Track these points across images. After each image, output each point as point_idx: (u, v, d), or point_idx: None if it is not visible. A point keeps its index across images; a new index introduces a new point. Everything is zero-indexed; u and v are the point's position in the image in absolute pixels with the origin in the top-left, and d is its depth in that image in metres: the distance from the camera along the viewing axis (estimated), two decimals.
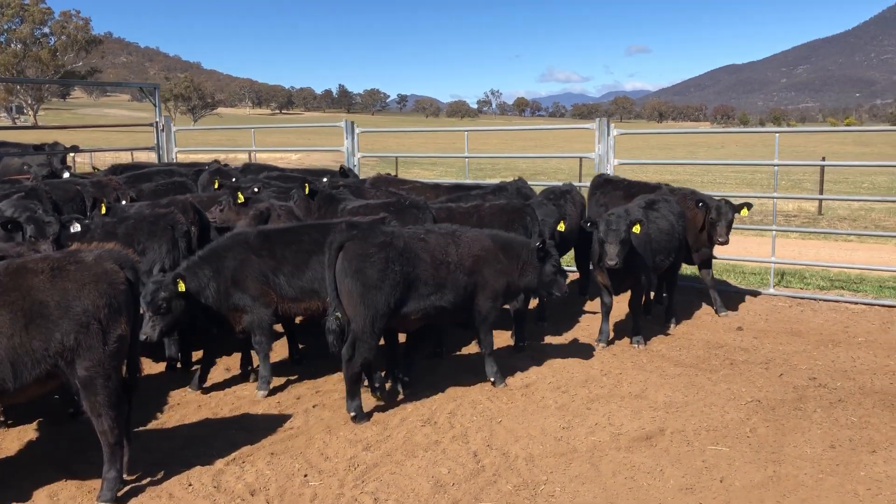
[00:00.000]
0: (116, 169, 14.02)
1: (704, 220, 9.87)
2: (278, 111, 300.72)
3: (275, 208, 8.13)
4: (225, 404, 7.28)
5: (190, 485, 5.63)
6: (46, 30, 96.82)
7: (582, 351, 8.72)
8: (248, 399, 7.40)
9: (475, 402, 7.26)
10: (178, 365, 8.22)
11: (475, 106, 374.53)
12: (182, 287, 6.79)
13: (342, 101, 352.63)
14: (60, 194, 10.06)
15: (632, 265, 8.45)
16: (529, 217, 8.57)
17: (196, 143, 30.19)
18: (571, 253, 11.48)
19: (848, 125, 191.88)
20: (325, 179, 10.46)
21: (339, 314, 6.66)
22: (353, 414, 6.78)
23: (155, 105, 16.48)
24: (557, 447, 6.27)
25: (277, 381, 7.79)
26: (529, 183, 11.26)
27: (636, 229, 8.27)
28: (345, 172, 13.02)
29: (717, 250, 10.36)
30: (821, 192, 22.79)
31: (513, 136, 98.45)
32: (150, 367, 8.17)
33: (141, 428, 6.64)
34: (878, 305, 10.55)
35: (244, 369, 7.98)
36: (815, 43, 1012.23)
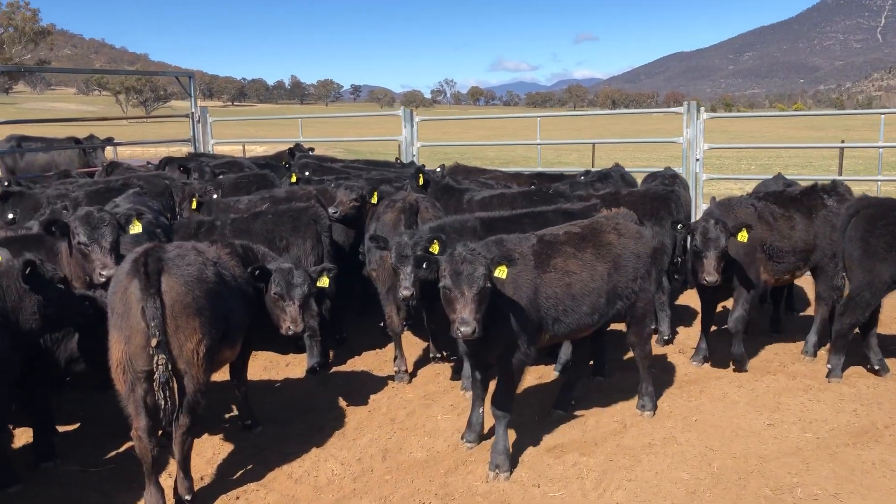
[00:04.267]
0: (165, 162, 13.28)
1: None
2: (230, 103, 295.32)
3: (421, 201, 7.63)
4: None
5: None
6: None
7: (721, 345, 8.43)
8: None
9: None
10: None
11: (429, 96, 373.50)
12: (436, 250, 6.30)
13: (295, 91, 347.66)
14: (150, 189, 9.40)
15: None
16: (674, 203, 8.24)
17: (230, 135, 28.54)
18: None
19: (796, 110, 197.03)
20: (437, 169, 9.96)
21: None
22: (829, 367, 7.31)
23: (191, 95, 15.71)
24: (781, 445, 5.96)
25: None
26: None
27: None
28: (404, 166, 12.52)
29: None
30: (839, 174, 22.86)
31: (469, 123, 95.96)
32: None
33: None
34: None
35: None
36: (760, 30, 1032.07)
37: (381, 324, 9.27)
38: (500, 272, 5.18)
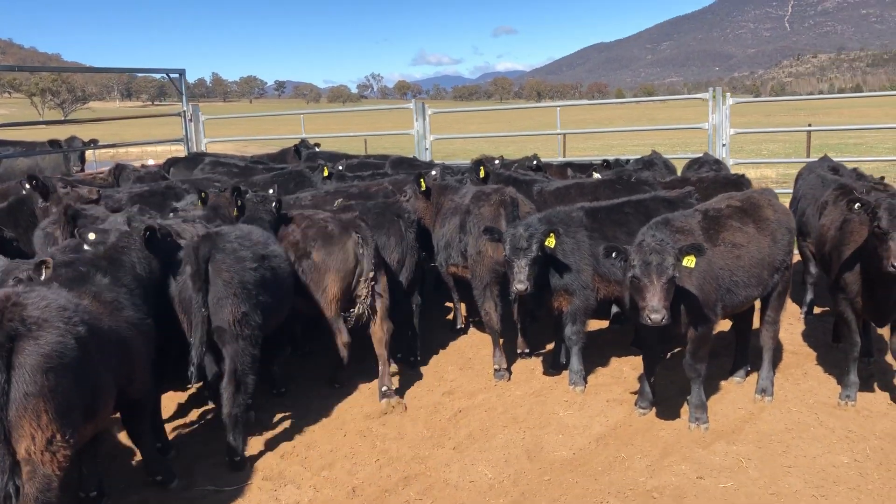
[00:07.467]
0: (170, 164, 12.65)
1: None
2: (150, 103, 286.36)
3: (514, 193, 7.39)
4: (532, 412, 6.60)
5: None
6: None
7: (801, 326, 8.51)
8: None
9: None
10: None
11: (355, 91, 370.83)
12: (552, 242, 6.23)
13: (217, 89, 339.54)
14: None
15: None
16: (746, 188, 8.24)
17: (223, 134, 26.76)
18: None
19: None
20: (496, 161, 9.68)
21: None
22: None
23: (181, 93, 15.00)
24: None
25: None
26: None
27: None
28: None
29: None
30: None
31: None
32: None
33: None
34: None
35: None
36: (676, 20, 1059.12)
37: (450, 317, 9.08)
38: (689, 261, 5.32)
